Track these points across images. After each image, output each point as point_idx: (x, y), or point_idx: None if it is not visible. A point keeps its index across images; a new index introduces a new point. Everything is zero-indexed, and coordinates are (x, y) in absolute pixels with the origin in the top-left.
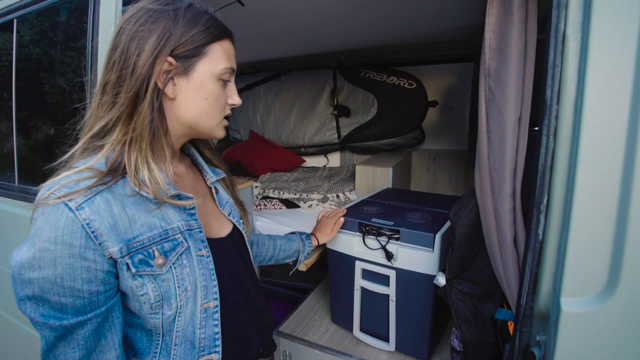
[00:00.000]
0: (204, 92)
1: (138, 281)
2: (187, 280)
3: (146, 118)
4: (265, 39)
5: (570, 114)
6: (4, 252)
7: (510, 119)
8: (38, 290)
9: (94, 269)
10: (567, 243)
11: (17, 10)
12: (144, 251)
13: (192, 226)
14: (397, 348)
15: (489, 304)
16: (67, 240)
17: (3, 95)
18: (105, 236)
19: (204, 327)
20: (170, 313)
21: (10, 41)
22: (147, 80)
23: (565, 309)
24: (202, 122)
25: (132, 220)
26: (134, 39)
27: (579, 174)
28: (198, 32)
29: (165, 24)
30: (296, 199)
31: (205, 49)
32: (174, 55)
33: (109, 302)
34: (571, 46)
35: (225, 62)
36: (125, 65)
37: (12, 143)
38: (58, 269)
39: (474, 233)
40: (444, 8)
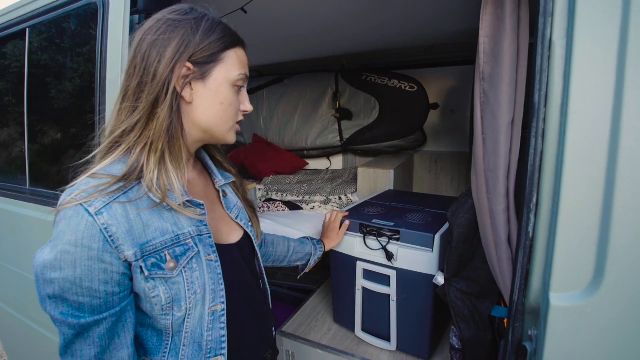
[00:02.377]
0: (219, 96)
1: (150, 283)
2: (196, 284)
3: (165, 121)
4: (268, 45)
5: (557, 117)
6: (16, 253)
7: (503, 122)
8: (59, 289)
9: (110, 271)
10: (555, 240)
11: (29, 20)
12: (156, 255)
13: (202, 232)
14: (398, 347)
15: (486, 302)
16: (86, 244)
17: (15, 101)
18: (121, 240)
19: (211, 330)
20: (180, 315)
21: (22, 49)
22: (167, 85)
23: (554, 303)
24: (217, 126)
25: (146, 225)
26: (155, 46)
27: (566, 173)
28: (215, 39)
29: (185, 32)
30: (299, 201)
31: (221, 55)
32: (192, 61)
33: (123, 303)
34: (557, 52)
35: (239, 68)
36: (146, 72)
37: (23, 147)
38: (77, 270)
39: (471, 233)
40: (445, 12)
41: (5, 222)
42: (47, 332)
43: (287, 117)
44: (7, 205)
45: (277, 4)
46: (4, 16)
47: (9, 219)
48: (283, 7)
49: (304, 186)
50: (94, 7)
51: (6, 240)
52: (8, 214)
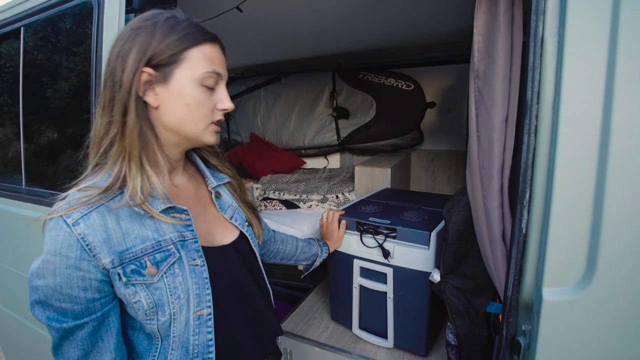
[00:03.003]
0: (184, 98)
1: (130, 289)
2: (179, 289)
3: (135, 129)
4: (265, 44)
5: (549, 113)
6: (12, 252)
7: (497, 119)
8: (43, 296)
9: (88, 278)
10: (548, 236)
11: (24, 19)
12: (136, 262)
13: (186, 237)
14: (395, 344)
15: (481, 298)
16: (64, 253)
17: (10, 100)
18: (98, 249)
19: (198, 334)
20: (165, 319)
21: (17, 48)
22: (131, 93)
23: (547, 297)
24: (186, 128)
25: (125, 233)
26: (119, 57)
27: (558, 170)
28: (174, 39)
29: (144, 38)
30: (296, 199)
31: (182, 55)
32: (153, 65)
33: (105, 308)
34: (549, 49)
35: (205, 66)
36: (114, 83)
37: (19, 147)
38: (57, 278)
39: (467, 230)
40: (441, 11)
41: (1, 222)
42: (45, 331)
43: (284, 116)
44: (4, 205)
45: (273, 3)
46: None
47: (5, 218)
48: (278, 6)
49: (302, 185)
50: (89, 6)
51: (3, 240)
52: (4, 214)
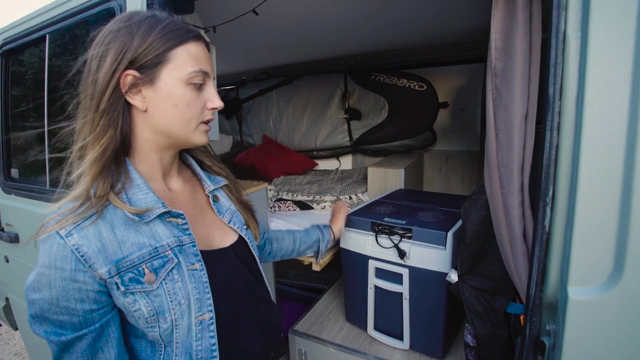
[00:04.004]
0: (172, 99)
1: (130, 298)
2: (179, 294)
3: (119, 134)
4: (278, 46)
5: (572, 110)
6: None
7: (517, 117)
8: (39, 309)
9: (85, 289)
10: (573, 233)
11: (49, 27)
12: (134, 270)
13: (183, 241)
14: (412, 346)
15: (501, 298)
16: (59, 265)
17: (35, 105)
18: (93, 259)
19: (201, 339)
20: (167, 326)
21: (42, 55)
22: (112, 97)
23: (573, 297)
24: (176, 130)
25: (121, 242)
26: (97, 58)
27: (582, 166)
28: (155, 39)
29: (123, 39)
30: (309, 200)
31: (167, 55)
32: (137, 67)
33: (103, 319)
34: (572, 45)
35: (192, 65)
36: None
37: (44, 151)
38: (53, 291)
39: (485, 229)
40: (454, 11)
41: (27, 222)
42: None
43: (296, 118)
44: (30, 206)
45: (287, 6)
46: (24, 23)
47: (32, 218)
48: (292, 9)
49: (314, 186)
50: (112, 12)
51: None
52: (30, 214)
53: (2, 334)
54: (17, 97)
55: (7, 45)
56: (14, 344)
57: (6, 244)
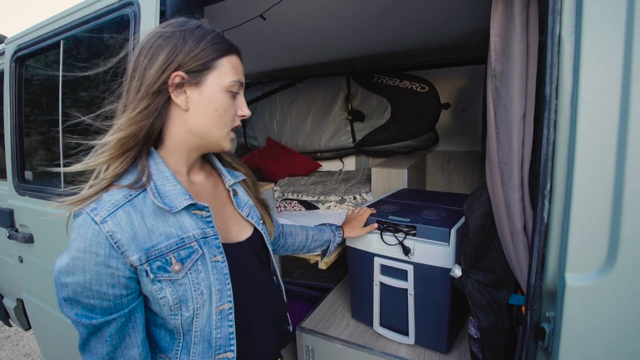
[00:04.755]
0: (214, 103)
1: (157, 286)
2: (202, 285)
3: (158, 128)
4: (283, 50)
5: (568, 108)
6: (53, 251)
7: (516, 115)
8: (72, 292)
9: (117, 275)
10: (570, 224)
11: (63, 33)
12: (162, 258)
13: (207, 233)
14: (417, 341)
15: (503, 291)
16: (93, 250)
17: (50, 109)
18: (126, 246)
19: (220, 328)
20: (188, 315)
21: (57, 60)
22: (157, 94)
23: (570, 283)
24: (212, 133)
25: (150, 231)
26: (148, 56)
27: (577, 160)
28: (205, 48)
29: (175, 42)
30: (315, 200)
31: (214, 63)
32: (185, 70)
33: (132, 304)
34: (566, 47)
35: (233, 75)
36: (142, 82)
37: (58, 153)
38: (87, 275)
39: (487, 224)
40: (455, 13)
41: (41, 223)
42: None
43: (300, 120)
44: (45, 207)
45: (293, 11)
46: (38, 30)
47: (46, 219)
48: (298, 14)
49: (319, 187)
50: (126, 19)
51: (43, 240)
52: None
53: (10, 335)
54: (30, 101)
55: (21, 51)
56: (23, 345)
57: (20, 245)
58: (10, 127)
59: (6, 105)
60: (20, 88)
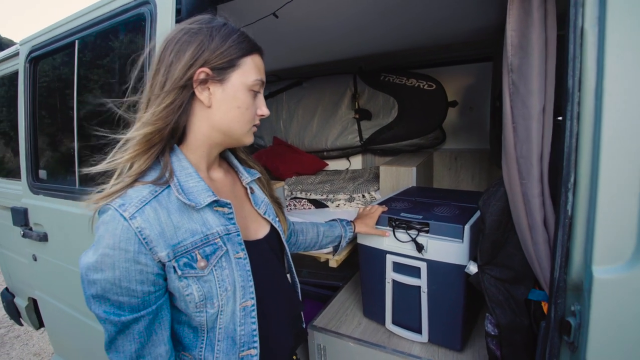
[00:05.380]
0: (237, 100)
1: (184, 282)
2: (226, 281)
3: (183, 124)
4: (290, 49)
5: (592, 100)
6: (67, 249)
7: (534, 110)
8: (100, 289)
9: (145, 271)
10: (596, 216)
11: (78, 32)
12: (187, 255)
13: (230, 230)
14: (430, 339)
15: (521, 287)
16: (123, 247)
17: (65, 108)
18: (154, 242)
19: (243, 325)
20: (213, 311)
21: (72, 60)
22: (183, 89)
23: (598, 276)
24: (235, 129)
25: (176, 227)
26: (175, 52)
27: (603, 152)
28: (231, 46)
29: (202, 39)
30: (323, 199)
31: (239, 61)
32: (211, 66)
33: (159, 301)
34: (589, 39)
35: (256, 74)
36: (168, 76)
37: (73, 152)
38: (116, 272)
39: (504, 219)
40: (462, 11)
41: (56, 221)
42: (96, 323)
43: (306, 119)
44: (59, 205)
45: (304, 10)
46: (53, 30)
47: (61, 217)
48: (308, 13)
49: (326, 186)
50: (142, 18)
51: (58, 238)
52: (60, 213)
53: (20, 335)
54: (45, 101)
55: (36, 52)
56: (32, 345)
57: (34, 243)
58: (25, 127)
59: (20, 105)
60: (35, 88)
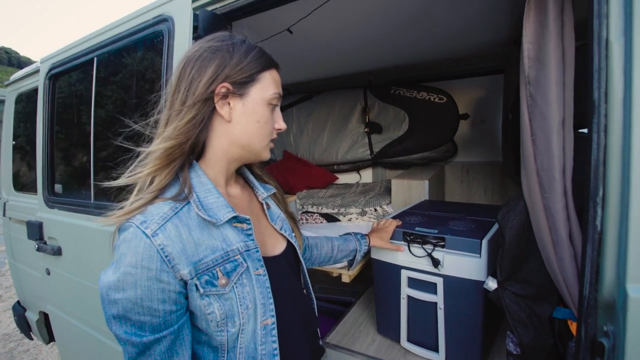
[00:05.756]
0: (256, 115)
1: (205, 301)
2: (247, 299)
3: (204, 140)
4: (301, 64)
5: (620, 112)
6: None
7: (554, 122)
8: (122, 309)
9: (167, 290)
10: (628, 231)
11: (97, 50)
12: (209, 272)
13: (249, 247)
14: (447, 358)
15: (544, 304)
16: (145, 265)
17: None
18: (176, 260)
19: (264, 344)
20: (234, 330)
21: (90, 77)
22: (204, 103)
23: (633, 294)
24: (254, 144)
25: (197, 244)
26: (196, 68)
27: (634, 165)
28: (251, 61)
29: (223, 55)
30: (335, 213)
31: (258, 76)
32: (231, 81)
33: (180, 321)
34: (615, 50)
35: (274, 88)
36: (189, 92)
37: (89, 167)
38: (138, 291)
39: (524, 234)
40: (474, 25)
41: (70, 235)
42: (107, 338)
43: (316, 133)
44: (74, 220)
45: (316, 26)
46: (72, 49)
47: (75, 232)
48: (320, 28)
49: (338, 199)
50: (159, 35)
51: (71, 253)
52: (75, 227)
53: (29, 349)
54: (62, 116)
55: (55, 69)
56: (42, 359)
57: (48, 257)
58: (42, 142)
59: (39, 120)
60: (53, 104)
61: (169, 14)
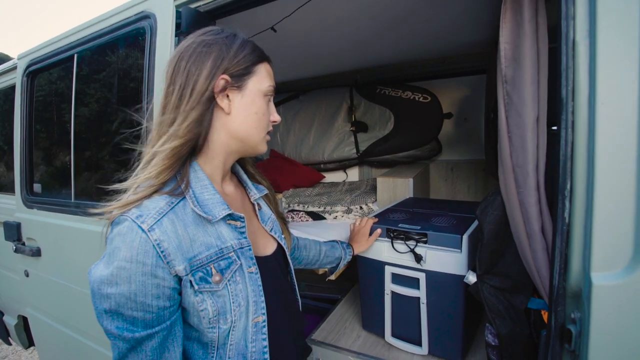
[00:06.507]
0: (254, 106)
1: (199, 297)
2: (240, 296)
3: (204, 133)
4: (287, 63)
5: (585, 109)
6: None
7: (529, 119)
8: (115, 304)
9: (162, 286)
10: (593, 223)
11: (77, 47)
12: (203, 269)
13: (243, 244)
14: (430, 351)
15: (520, 296)
16: (140, 259)
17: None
18: (172, 255)
19: (255, 342)
20: (226, 327)
21: (70, 74)
22: (205, 97)
23: (597, 282)
24: (252, 135)
25: (192, 240)
26: (191, 62)
27: (598, 160)
28: (247, 54)
29: (220, 48)
30: (321, 211)
31: (254, 68)
32: (229, 74)
33: (173, 317)
34: (581, 50)
35: (269, 80)
36: (186, 85)
37: (69, 165)
38: (132, 286)
39: (502, 229)
40: (458, 25)
41: (50, 236)
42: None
43: (303, 132)
44: (54, 220)
45: (300, 24)
46: (52, 45)
47: (55, 232)
48: (305, 27)
49: (324, 198)
50: (142, 32)
51: (50, 254)
52: (54, 228)
53: (8, 355)
54: (41, 114)
55: (34, 65)
56: None
57: (27, 258)
58: (20, 141)
59: (17, 118)
60: (32, 102)
61: (151, 10)
